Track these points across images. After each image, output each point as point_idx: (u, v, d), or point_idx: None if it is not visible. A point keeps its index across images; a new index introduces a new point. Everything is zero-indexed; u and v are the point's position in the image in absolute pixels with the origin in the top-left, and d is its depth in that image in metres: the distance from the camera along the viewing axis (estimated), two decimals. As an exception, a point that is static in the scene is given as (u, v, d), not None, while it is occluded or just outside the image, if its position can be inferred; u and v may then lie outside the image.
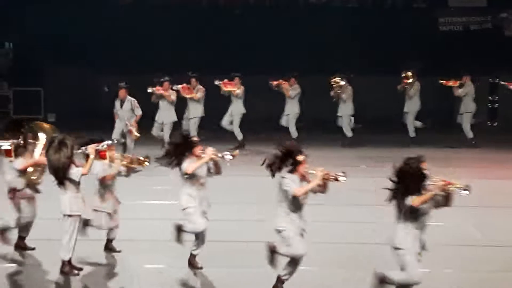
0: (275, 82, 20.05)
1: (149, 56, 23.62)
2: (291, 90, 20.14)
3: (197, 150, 9.55)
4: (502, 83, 20.68)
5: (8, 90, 24.50)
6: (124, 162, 10.27)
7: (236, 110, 19.69)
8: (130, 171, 10.40)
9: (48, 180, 10.10)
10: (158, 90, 18.06)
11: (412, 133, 20.60)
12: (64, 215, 9.22)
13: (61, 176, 9.13)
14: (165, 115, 18.28)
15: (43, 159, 9.92)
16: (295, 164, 8.16)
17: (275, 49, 24.24)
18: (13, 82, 24.49)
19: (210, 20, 25.42)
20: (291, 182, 8.11)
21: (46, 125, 11.58)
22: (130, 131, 16.90)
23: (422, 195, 7.47)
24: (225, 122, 19.69)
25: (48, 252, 10.33)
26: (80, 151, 9.74)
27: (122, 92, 17.06)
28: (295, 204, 8.16)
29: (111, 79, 18.62)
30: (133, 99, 17.12)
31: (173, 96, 18.30)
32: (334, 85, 20.06)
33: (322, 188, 8.42)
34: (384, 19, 25.84)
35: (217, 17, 26.17)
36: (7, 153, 10.64)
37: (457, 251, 10.77)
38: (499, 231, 11.72)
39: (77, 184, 9.41)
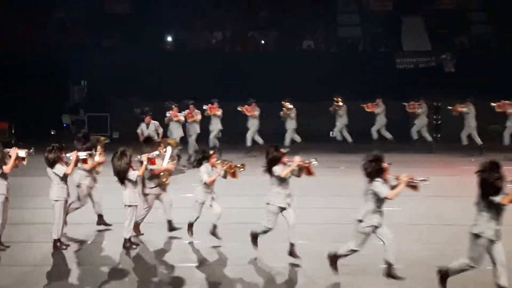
0: (242, 107, 20.68)
1: (180, 88, 23.91)
2: (256, 111, 20.70)
3: (284, 159, 9.84)
4: (449, 107, 20.64)
5: (84, 115, 25.58)
6: (225, 167, 10.53)
7: (215, 127, 20.33)
8: (227, 174, 10.68)
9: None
10: (172, 113, 18.53)
11: (349, 139, 21.43)
12: (125, 205, 10.28)
13: (122, 177, 10.20)
14: (175, 132, 18.68)
15: (171, 166, 11.23)
16: (382, 170, 8.28)
17: (279, 81, 24.75)
18: (87, 109, 25.67)
19: (232, 64, 25.89)
20: (381, 186, 8.24)
21: (171, 141, 12.54)
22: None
23: (509, 195, 7.50)
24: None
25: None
26: (136, 159, 10.70)
27: (147, 118, 17.67)
28: (381, 203, 8.29)
29: (152, 105, 19.55)
30: (156, 122, 17.86)
31: (182, 118, 18.84)
32: (284, 107, 20.93)
33: (414, 189, 8.52)
34: (357, 60, 26.37)
35: (236, 60, 26.58)
36: (84, 161, 11.32)
37: (415, 229, 11.48)
38: (445, 214, 12.28)
39: (134, 182, 10.42)
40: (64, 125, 25.94)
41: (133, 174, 10.34)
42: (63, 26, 27.93)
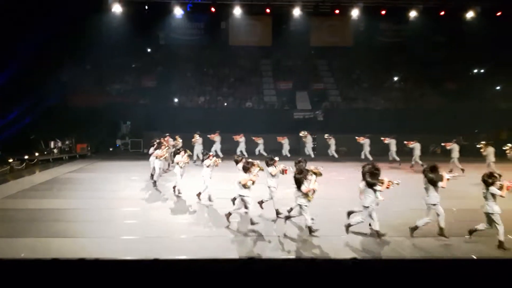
0: (210, 136, 19.15)
1: (181, 127, 21.59)
2: (216, 137, 19.10)
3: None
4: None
5: (128, 140, 24.50)
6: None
7: (217, 146, 18.96)
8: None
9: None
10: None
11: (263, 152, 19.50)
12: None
13: None
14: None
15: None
16: (494, 181, 6.95)
17: (234, 123, 22.35)
18: (130, 137, 24.53)
19: (209, 114, 24.88)
20: (496, 190, 6.86)
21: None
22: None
23: None
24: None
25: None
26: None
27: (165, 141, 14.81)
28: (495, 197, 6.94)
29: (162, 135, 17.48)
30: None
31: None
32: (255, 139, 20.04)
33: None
34: (274, 113, 25.54)
35: (211, 113, 25.56)
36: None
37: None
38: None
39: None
40: (117, 145, 25.09)
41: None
42: (119, 92, 27.46)
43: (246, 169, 8.21)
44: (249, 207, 8.24)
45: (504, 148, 14.94)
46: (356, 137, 19.73)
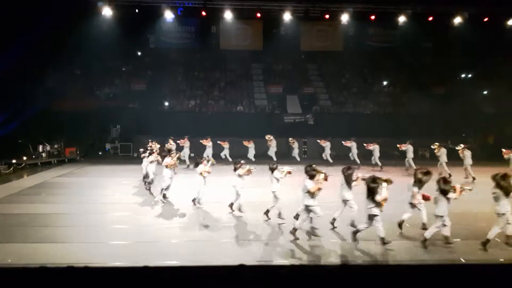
0: (203, 140, 18.88)
1: (171, 130, 20.59)
2: (209, 143, 18.81)
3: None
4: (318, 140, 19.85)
5: (118, 144, 24.21)
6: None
7: (208, 152, 18.41)
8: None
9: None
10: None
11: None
12: None
13: None
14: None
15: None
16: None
17: (224, 126, 22.51)
18: (120, 140, 24.24)
19: (199, 118, 24.89)
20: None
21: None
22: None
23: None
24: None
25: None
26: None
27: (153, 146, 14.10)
28: None
29: (154, 139, 16.92)
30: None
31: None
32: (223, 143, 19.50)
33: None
34: (264, 117, 25.37)
35: (202, 116, 25.41)
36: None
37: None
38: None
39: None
40: (107, 149, 24.74)
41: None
42: (108, 96, 27.05)
43: (312, 176, 7.48)
44: (319, 216, 7.50)
45: (457, 148, 15.07)
46: (318, 140, 19.98)
